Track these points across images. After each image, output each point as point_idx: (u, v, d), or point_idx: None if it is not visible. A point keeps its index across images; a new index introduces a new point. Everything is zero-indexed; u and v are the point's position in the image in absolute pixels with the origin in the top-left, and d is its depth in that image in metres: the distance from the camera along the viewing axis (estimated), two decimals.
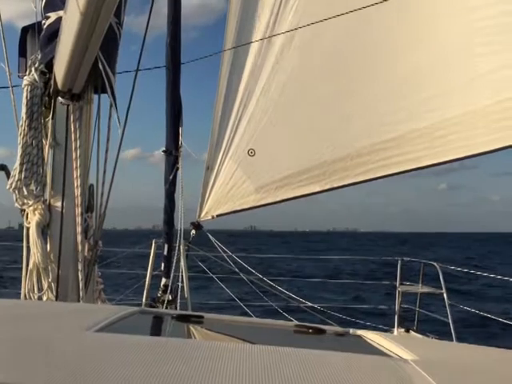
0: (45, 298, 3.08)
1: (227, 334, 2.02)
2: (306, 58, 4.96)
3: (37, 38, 3.28)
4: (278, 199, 5.09)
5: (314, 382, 1.11)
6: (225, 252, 5.84)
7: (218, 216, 5.42)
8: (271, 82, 5.08)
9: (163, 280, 5.59)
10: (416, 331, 6.14)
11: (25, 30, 3.41)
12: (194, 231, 5.66)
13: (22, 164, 3.09)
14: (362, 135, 4.76)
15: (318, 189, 4.93)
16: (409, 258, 7.00)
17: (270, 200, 5.10)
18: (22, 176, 3.08)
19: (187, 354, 1.29)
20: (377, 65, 4.74)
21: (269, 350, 1.38)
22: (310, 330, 2.00)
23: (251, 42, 5.10)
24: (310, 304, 6.62)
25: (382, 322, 6.58)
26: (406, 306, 6.65)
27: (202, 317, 2.06)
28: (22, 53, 3.39)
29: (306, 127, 5.05)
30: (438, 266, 6.41)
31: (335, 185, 4.88)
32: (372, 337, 1.89)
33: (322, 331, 2.01)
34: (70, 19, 2.55)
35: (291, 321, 4.05)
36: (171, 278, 5.52)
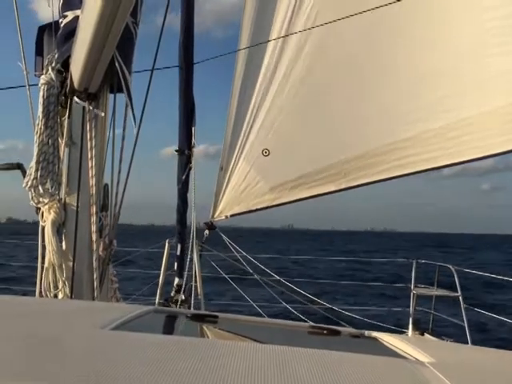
0: (60, 296, 3.09)
1: (241, 334, 2.02)
2: (321, 58, 4.95)
3: (54, 36, 3.30)
4: (292, 199, 5.08)
5: (328, 383, 1.10)
6: (238, 252, 5.83)
7: (231, 216, 5.42)
8: (286, 82, 5.07)
9: (176, 280, 5.60)
10: (431, 334, 6.08)
11: (42, 29, 3.42)
12: (207, 231, 5.66)
13: (38, 162, 3.10)
14: (377, 135, 4.75)
15: (333, 188, 4.92)
16: (424, 260, 6.93)
17: (284, 200, 5.09)
18: (38, 174, 3.09)
19: (202, 352, 1.29)
20: (392, 65, 4.71)
21: (283, 350, 1.37)
22: (325, 331, 1.99)
23: (266, 42, 5.09)
24: (324, 305, 6.59)
25: (397, 325, 6.52)
26: (420, 309, 6.59)
27: (216, 316, 2.05)
28: (39, 52, 3.41)
29: (321, 127, 5.03)
30: (453, 269, 6.34)
31: (350, 184, 4.86)
32: (387, 339, 1.87)
33: (337, 332, 1.99)
34: (87, 18, 2.56)
35: (305, 322, 4.04)
36: (185, 277, 5.53)
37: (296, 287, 6.21)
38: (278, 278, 6.21)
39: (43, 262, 3.14)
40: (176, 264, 5.65)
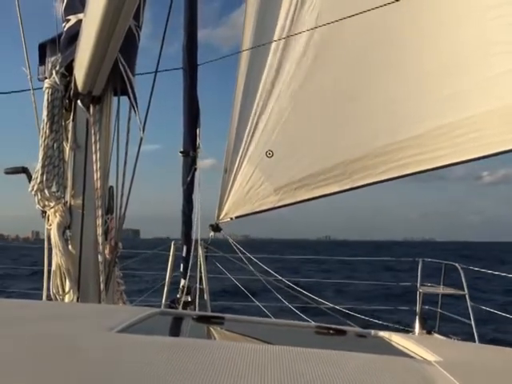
0: (67, 299, 3.10)
1: (248, 335, 2.02)
2: (325, 58, 4.94)
3: (57, 41, 3.31)
4: (297, 200, 5.07)
5: (336, 383, 1.10)
6: (243, 254, 5.83)
7: (236, 217, 5.43)
8: (289, 83, 5.07)
9: (182, 281, 5.61)
10: (438, 333, 6.07)
11: (42, 46, 3.40)
12: (212, 233, 5.67)
13: (43, 166, 3.11)
14: (381, 134, 4.73)
15: (337, 189, 4.91)
16: (430, 259, 6.91)
17: (288, 201, 5.09)
18: (44, 178, 3.10)
19: (208, 353, 1.29)
20: (397, 63, 4.70)
21: (290, 351, 1.36)
22: (331, 331, 1.99)
23: (268, 43, 5.09)
24: (329, 305, 6.59)
25: (403, 324, 6.51)
26: (427, 307, 6.58)
27: (222, 318, 2.05)
28: (42, 62, 3.41)
29: (325, 127, 5.02)
30: (459, 267, 6.33)
31: (355, 184, 4.85)
32: (394, 338, 1.87)
33: (343, 332, 1.99)
34: (90, 22, 2.57)
35: (309, 322, 4.03)
36: (187, 278, 5.53)
37: (301, 289, 6.21)
38: (281, 277, 6.21)
39: (50, 266, 3.15)
40: (182, 265, 5.66)
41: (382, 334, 1.98)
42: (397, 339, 1.84)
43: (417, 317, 6.25)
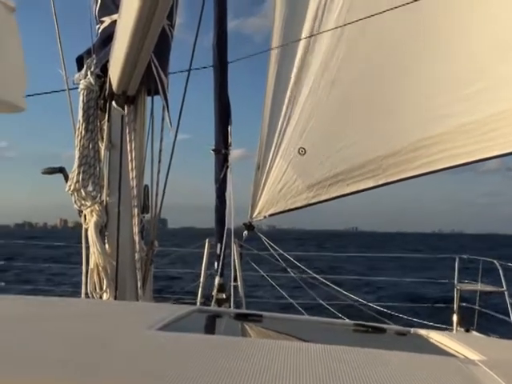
0: (105, 297, 3.15)
1: (286, 333, 2.01)
2: (355, 54, 4.89)
3: (91, 43, 3.36)
4: (331, 196, 5.04)
5: (379, 383, 1.08)
6: (276, 251, 5.82)
7: (270, 216, 5.42)
8: (320, 80, 5.03)
9: (217, 279, 5.62)
10: (476, 330, 5.95)
11: (79, 59, 3.43)
12: (246, 232, 5.67)
13: (79, 166, 3.15)
14: (415, 129, 4.67)
15: (371, 184, 4.86)
16: (467, 256, 6.78)
17: (323, 197, 5.05)
18: (80, 178, 3.14)
19: (248, 352, 1.29)
20: (430, 57, 4.62)
21: (329, 349, 1.35)
22: (370, 329, 1.96)
23: (297, 40, 5.05)
24: (363, 302, 6.53)
25: (441, 321, 6.40)
26: (464, 305, 6.46)
27: (260, 315, 2.05)
28: (79, 69, 3.44)
29: (357, 123, 4.97)
30: (497, 264, 6.19)
31: (389, 180, 4.80)
32: (434, 336, 1.84)
33: (382, 330, 1.97)
34: (124, 22, 2.59)
35: (343, 319, 4.00)
36: (222, 276, 5.55)
37: (334, 285, 6.17)
38: (315, 275, 6.17)
39: (88, 264, 3.20)
40: (216, 263, 5.68)
41: (421, 331, 1.95)
42: (437, 337, 1.81)
43: (454, 314, 6.14)
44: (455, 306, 6.14)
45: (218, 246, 5.63)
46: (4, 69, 2.19)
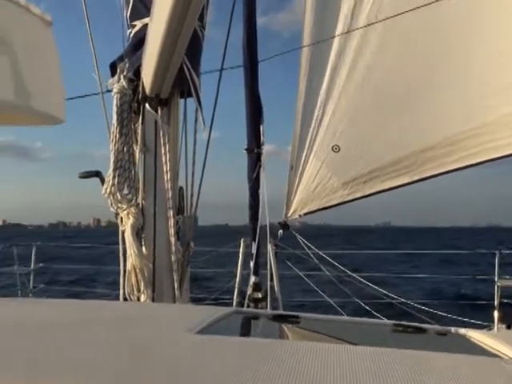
0: (142, 298, 3.18)
1: (325, 334, 1.99)
2: (390, 48, 4.80)
3: (123, 48, 3.38)
4: (366, 193, 4.97)
5: None
6: (310, 249, 5.77)
7: (305, 214, 5.37)
8: (352, 76, 4.96)
9: (252, 278, 5.62)
10: None
11: (113, 66, 3.46)
12: (281, 231, 5.64)
13: (114, 170, 3.19)
14: (452, 122, 4.56)
15: (407, 180, 4.77)
16: (508, 251, 6.60)
17: (358, 195, 4.99)
18: (116, 181, 3.17)
19: (288, 354, 1.28)
20: (468, 48, 4.51)
21: (370, 351, 1.33)
22: (410, 329, 1.93)
23: (329, 39, 4.99)
24: (400, 299, 6.42)
25: (480, 318, 6.24)
26: (506, 301, 6.28)
27: (298, 317, 2.03)
28: (113, 75, 3.47)
29: (392, 118, 4.89)
30: None
31: (425, 175, 4.70)
32: (476, 336, 1.79)
33: (423, 330, 1.93)
34: (156, 25, 2.61)
35: (381, 319, 3.94)
36: (257, 275, 5.53)
37: (370, 283, 6.08)
38: (351, 273, 6.10)
39: (125, 266, 3.23)
40: (252, 262, 5.67)
41: (462, 331, 1.91)
42: (479, 337, 1.78)
43: (495, 311, 5.98)
44: (496, 303, 5.98)
45: (253, 244, 5.62)
46: (42, 82, 2.23)
